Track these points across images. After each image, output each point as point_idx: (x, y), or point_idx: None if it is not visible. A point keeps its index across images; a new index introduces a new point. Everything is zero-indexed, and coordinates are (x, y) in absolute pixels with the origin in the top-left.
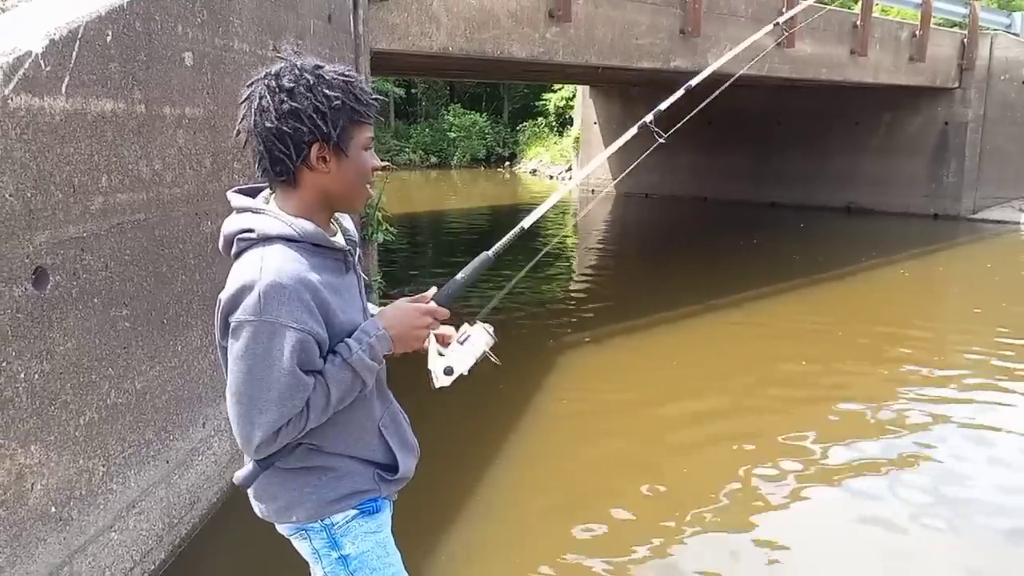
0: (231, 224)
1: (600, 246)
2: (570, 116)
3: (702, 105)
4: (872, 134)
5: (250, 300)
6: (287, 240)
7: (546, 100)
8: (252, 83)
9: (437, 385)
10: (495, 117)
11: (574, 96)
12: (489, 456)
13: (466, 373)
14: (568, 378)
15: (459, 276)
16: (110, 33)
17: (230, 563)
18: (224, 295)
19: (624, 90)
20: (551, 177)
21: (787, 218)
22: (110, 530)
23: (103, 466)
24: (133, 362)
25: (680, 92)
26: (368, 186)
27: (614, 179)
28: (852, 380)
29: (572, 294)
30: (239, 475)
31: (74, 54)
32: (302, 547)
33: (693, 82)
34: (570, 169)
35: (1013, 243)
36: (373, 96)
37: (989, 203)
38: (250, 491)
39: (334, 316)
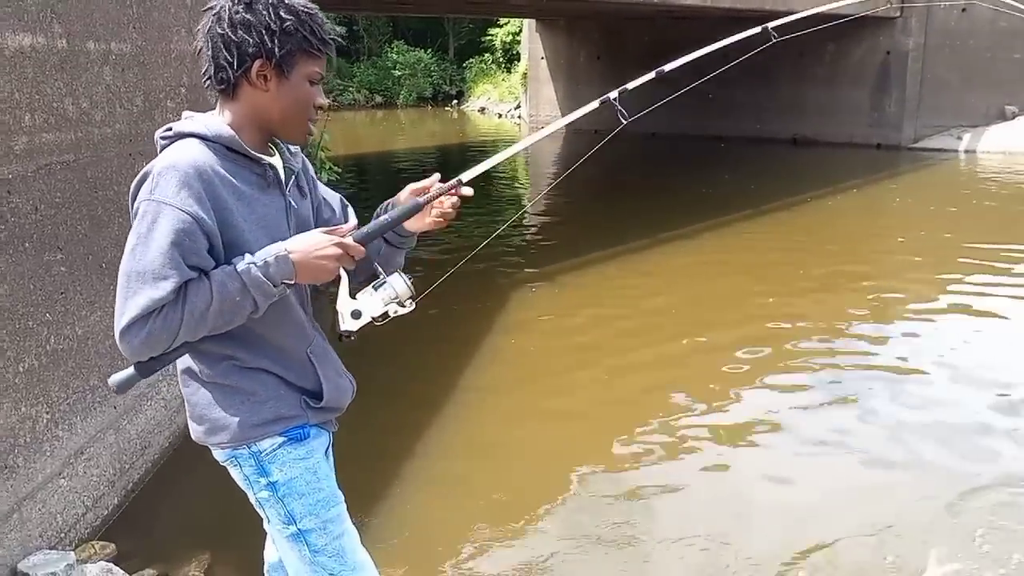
0: (158, 131)
1: (550, 183)
2: (517, 52)
3: (685, 89)
4: (817, 65)
5: (145, 183)
6: (200, 138)
7: (492, 36)
8: None
9: (343, 327)
10: (440, 54)
11: (520, 31)
12: (443, 391)
13: (377, 321)
14: (521, 315)
15: (384, 217)
16: None
17: (184, 506)
18: (132, 184)
19: (571, 24)
20: (499, 115)
21: (733, 151)
22: (59, 477)
23: (47, 413)
24: (72, 307)
25: (651, 75)
26: (309, 121)
27: (566, 123)
28: (793, 308)
29: (524, 232)
30: (114, 378)
31: None
32: (235, 474)
33: (666, 68)
34: (519, 107)
35: (949, 172)
36: (332, 35)
37: (929, 132)
38: (187, 412)
39: (232, 218)
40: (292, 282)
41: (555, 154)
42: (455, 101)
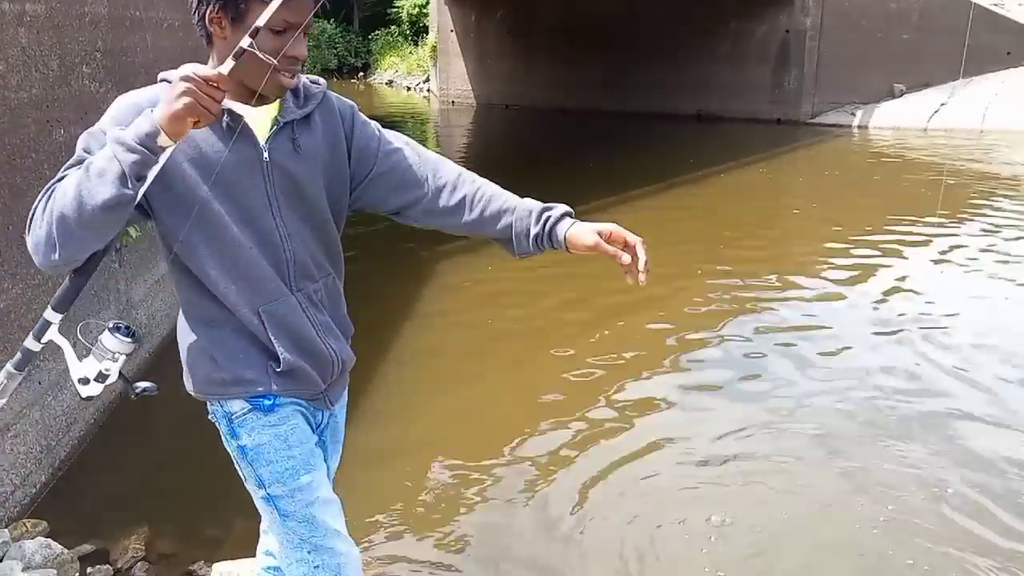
0: None
1: (462, 159)
2: (424, 24)
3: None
4: (720, 42)
5: None
6: (168, 82)
7: (398, 7)
8: None
9: (83, 395)
10: (345, 25)
11: (427, 4)
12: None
13: (100, 381)
14: (433, 291)
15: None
16: None
17: (114, 482)
18: None
19: None
20: (408, 88)
21: (640, 127)
22: None
23: None
24: None
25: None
26: (279, 72)
27: (474, 94)
28: (689, 281)
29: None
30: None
31: None
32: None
33: None
34: (428, 80)
35: (842, 147)
36: None
37: (826, 108)
38: None
39: (173, 157)
40: (163, 142)
41: (466, 128)
42: (361, 73)
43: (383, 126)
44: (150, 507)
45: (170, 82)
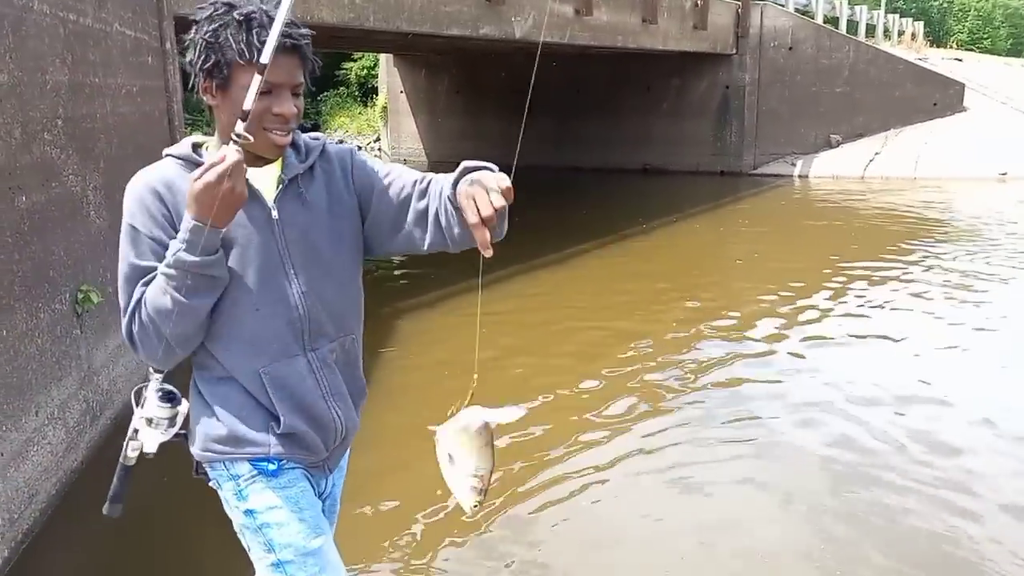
0: None
1: None
2: (374, 85)
3: None
4: (663, 98)
5: None
6: (173, 157)
7: (347, 69)
8: None
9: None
10: None
11: (376, 65)
12: None
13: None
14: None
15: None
16: None
17: (78, 557)
18: None
19: (429, 59)
20: (359, 148)
21: (588, 181)
22: None
23: None
24: None
25: None
26: (269, 132)
27: (425, 151)
28: (626, 330)
29: (393, 263)
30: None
31: None
32: (222, 498)
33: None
34: (378, 139)
35: (783, 196)
36: (264, 38)
37: (766, 159)
38: None
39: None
40: (214, 228)
41: None
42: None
43: None
44: None
45: (176, 157)
